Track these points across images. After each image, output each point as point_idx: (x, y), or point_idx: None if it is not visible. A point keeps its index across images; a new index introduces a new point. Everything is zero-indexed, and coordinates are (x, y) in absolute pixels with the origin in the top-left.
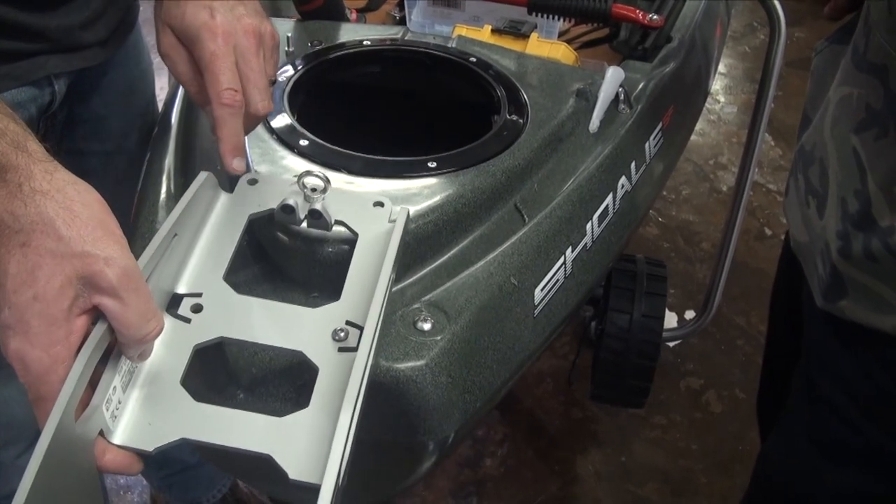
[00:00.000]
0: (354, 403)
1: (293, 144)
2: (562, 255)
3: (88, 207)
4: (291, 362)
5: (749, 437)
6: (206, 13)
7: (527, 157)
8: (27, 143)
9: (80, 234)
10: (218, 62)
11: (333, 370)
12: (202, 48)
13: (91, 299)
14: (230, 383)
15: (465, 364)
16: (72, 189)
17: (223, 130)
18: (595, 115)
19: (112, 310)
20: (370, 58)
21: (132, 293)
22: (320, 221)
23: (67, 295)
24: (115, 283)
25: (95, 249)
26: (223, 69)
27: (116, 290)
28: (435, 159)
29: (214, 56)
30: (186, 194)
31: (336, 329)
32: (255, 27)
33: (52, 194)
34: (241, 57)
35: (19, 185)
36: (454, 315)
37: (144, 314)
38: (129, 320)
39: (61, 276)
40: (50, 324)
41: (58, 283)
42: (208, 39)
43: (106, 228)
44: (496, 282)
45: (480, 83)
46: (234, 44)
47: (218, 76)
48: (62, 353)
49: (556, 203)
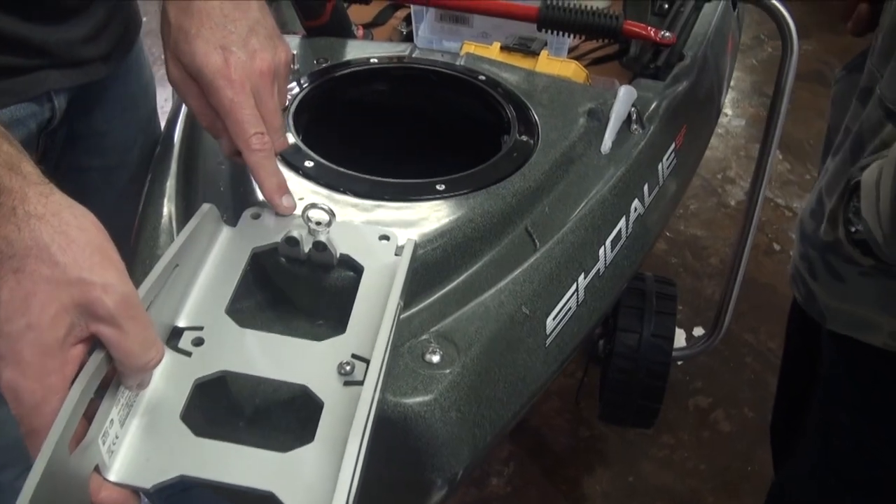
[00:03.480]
0: (360, 439)
1: (298, 166)
2: (574, 282)
3: (85, 232)
4: (296, 393)
5: (758, 457)
6: (219, 56)
7: (538, 179)
8: (21, 165)
9: (77, 260)
10: (239, 111)
11: (339, 405)
12: (220, 96)
13: (88, 328)
14: (232, 413)
15: (475, 398)
16: (68, 213)
17: (262, 174)
18: (607, 135)
19: (110, 338)
20: (377, 76)
21: (131, 321)
22: (325, 254)
23: (63, 324)
24: (113, 310)
25: (92, 276)
26: (246, 116)
27: (115, 317)
28: (443, 182)
29: (235, 105)
30: (189, 225)
31: (342, 363)
32: (269, 65)
33: (47, 218)
34: (258, 97)
35: (13, 208)
36: (464, 347)
37: (144, 342)
38: (128, 349)
39: (56, 303)
40: (44, 354)
41: (52, 312)
42: (225, 87)
43: (104, 254)
44: (507, 311)
45: (489, 102)
46: (251, 86)
47: (243, 124)
48: (56, 384)
49: (568, 228)
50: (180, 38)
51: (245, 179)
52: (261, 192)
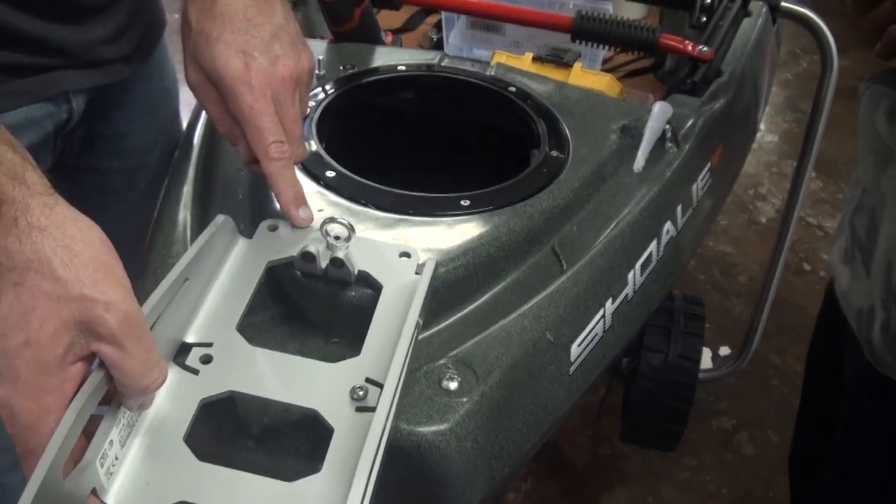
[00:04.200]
0: (370, 469)
1: (319, 175)
2: (601, 307)
3: (89, 246)
4: (306, 417)
5: (780, 483)
6: (240, 61)
7: (567, 197)
8: (25, 174)
9: (79, 276)
10: (259, 118)
11: (350, 432)
12: (239, 101)
13: (89, 346)
14: (238, 435)
15: (493, 428)
16: (72, 226)
17: (279, 184)
18: (640, 153)
19: (112, 358)
20: (404, 84)
21: (134, 341)
22: (342, 271)
23: (62, 341)
24: (115, 329)
25: (95, 293)
26: (266, 123)
27: (117, 337)
28: (468, 197)
29: (255, 112)
30: (201, 237)
31: (355, 387)
32: (291, 72)
33: (50, 231)
34: (279, 105)
35: (14, 219)
36: (483, 374)
37: (146, 363)
38: (130, 369)
39: (56, 320)
40: (41, 372)
41: (52, 328)
42: (245, 93)
43: (107, 270)
44: (530, 337)
45: (519, 114)
46: (272, 92)
47: (262, 131)
48: (53, 403)
49: (597, 250)
50: (201, 41)
51: (263, 188)
52: (277, 203)
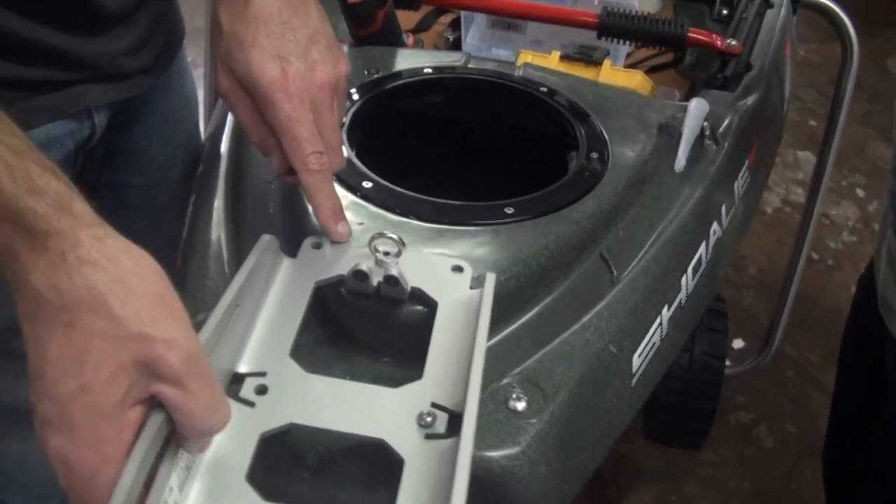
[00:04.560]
0: None
1: (356, 187)
2: (658, 315)
3: (145, 280)
4: (370, 447)
5: (801, 475)
6: (276, 67)
7: (612, 200)
8: (72, 204)
9: (137, 313)
10: (297, 127)
11: (421, 462)
12: (276, 109)
13: (148, 388)
14: (300, 469)
15: (563, 449)
16: (126, 258)
17: (318, 197)
18: (681, 152)
19: (174, 400)
20: (432, 87)
21: (197, 380)
22: (396, 289)
23: (121, 384)
24: (178, 369)
25: (155, 330)
26: (305, 133)
27: (180, 377)
28: (512, 205)
29: (292, 120)
30: (248, 260)
31: (422, 413)
32: (329, 78)
33: (102, 265)
34: (317, 113)
35: (63, 253)
36: (551, 393)
37: (211, 404)
38: (193, 411)
39: (114, 362)
40: (99, 419)
41: (109, 371)
42: (282, 101)
43: (166, 305)
44: (594, 350)
45: (553, 116)
46: (310, 100)
47: (301, 142)
48: (112, 452)
49: (650, 255)
50: (234, 45)
51: (296, 202)
52: (315, 217)
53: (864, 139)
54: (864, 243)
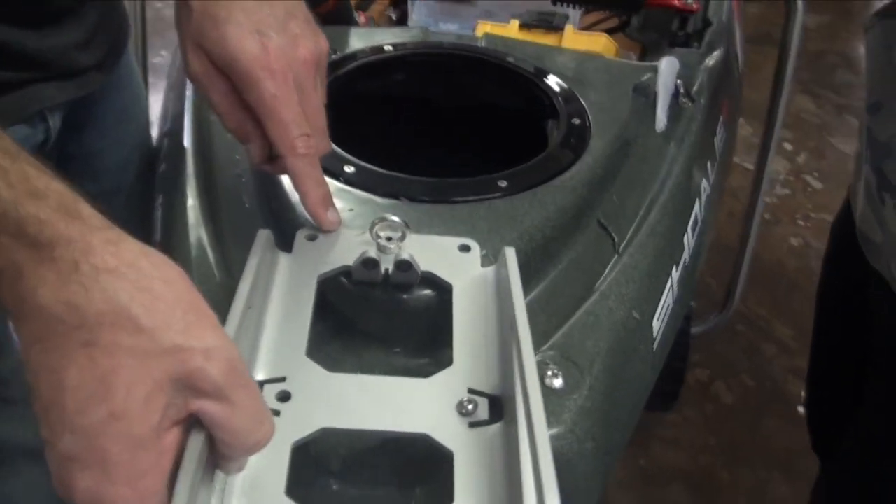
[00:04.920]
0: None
1: (337, 172)
2: (669, 276)
3: (171, 285)
4: (409, 443)
5: (763, 427)
6: (255, 42)
7: (603, 165)
8: (78, 207)
9: (167, 322)
10: (283, 108)
11: (471, 452)
12: (258, 88)
13: (187, 406)
14: (333, 471)
15: (605, 422)
16: (145, 263)
17: (307, 184)
18: (659, 111)
19: (218, 416)
20: (396, 65)
21: (241, 391)
22: (408, 274)
23: (157, 406)
24: (220, 381)
25: (190, 341)
26: (291, 115)
27: (223, 389)
28: (505, 177)
29: (277, 101)
30: (251, 259)
31: (461, 401)
32: (312, 54)
33: (121, 272)
34: (302, 92)
35: (75, 263)
36: (586, 366)
37: (256, 416)
38: (239, 426)
39: (148, 381)
40: (136, 448)
41: (143, 393)
42: (265, 80)
43: (197, 311)
44: (619, 318)
45: (526, 85)
46: (293, 77)
47: (287, 124)
48: (153, 485)
49: (654, 217)
50: (206, 24)
51: (277, 193)
52: (303, 206)
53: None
54: (796, 195)
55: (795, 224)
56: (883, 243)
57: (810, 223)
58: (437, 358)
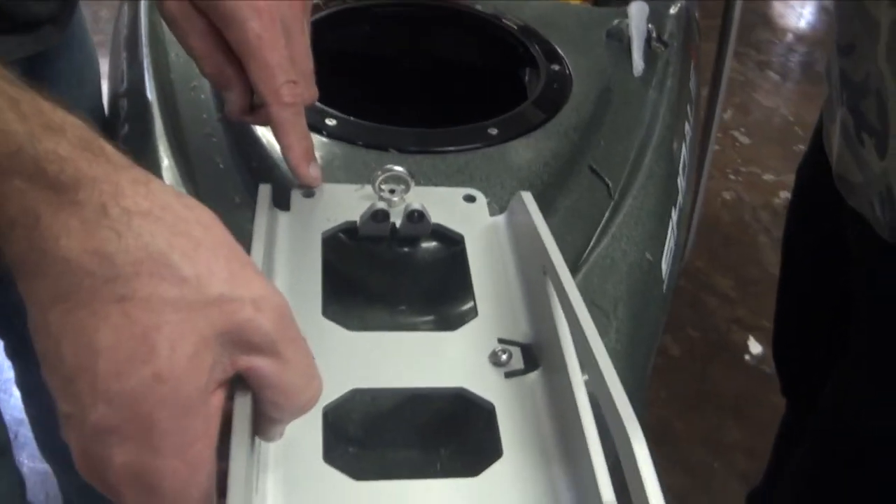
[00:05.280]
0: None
1: (318, 125)
2: (670, 218)
3: (210, 230)
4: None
5: (711, 376)
6: None
7: (589, 109)
8: (100, 143)
9: (211, 270)
10: (268, 51)
11: (512, 403)
12: (243, 28)
13: (235, 363)
14: (370, 433)
15: (632, 366)
16: (179, 205)
17: (291, 136)
18: (635, 56)
19: (268, 373)
20: (364, 18)
21: (292, 344)
22: (419, 225)
23: (204, 365)
24: (272, 334)
25: (237, 290)
26: (277, 58)
27: (275, 343)
28: (495, 124)
29: (262, 42)
30: (259, 218)
31: (495, 351)
32: None
33: (156, 215)
34: (288, 36)
35: (102, 206)
36: (610, 309)
37: (308, 371)
38: (291, 383)
39: (194, 337)
40: (184, 413)
41: (190, 350)
42: (251, 18)
43: (239, 258)
44: (633, 260)
45: (499, 34)
46: (280, 18)
47: (273, 68)
48: (203, 454)
49: (650, 160)
50: None
51: (257, 149)
52: (284, 160)
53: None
54: (726, 150)
55: (727, 179)
56: (863, 183)
57: (741, 177)
58: (459, 311)
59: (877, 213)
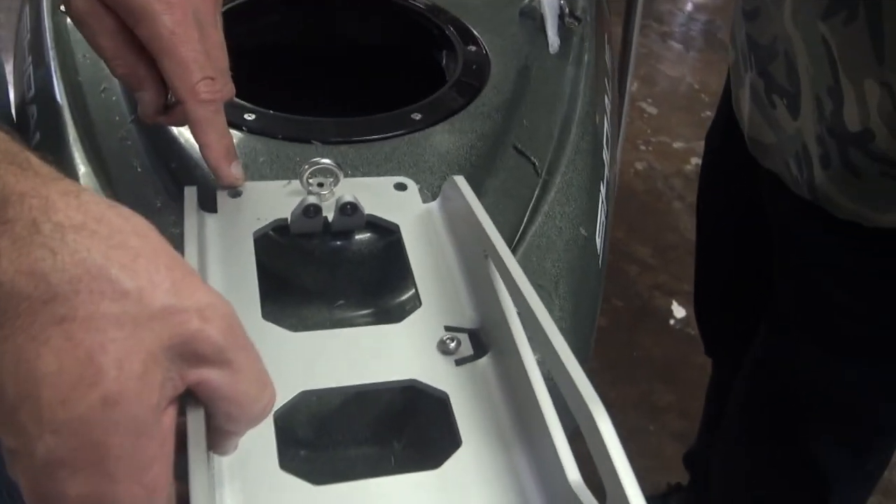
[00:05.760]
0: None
1: (237, 121)
2: (599, 192)
3: (146, 239)
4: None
5: (639, 343)
6: None
7: (510, 89)
8: (26, 156)
9: (153, 281)
10: (182, 47)
11: (465, 391)
12: (154, 24)
13: (185, 377)
14: (324, 435)
15: (577, 343)
16: (114, 215)
17: (210, 134)
18: (550, 33)
19: (220, 384)
20: (271, 6)
21: (242, 352)
22: (353, 218)
23: (154, 382)
24: (221, 343)
25: (182, 300)
26: (192, 54)
27: (225, 352)
28: (418, 109)
29: (176, 37)
30: (188, 222)
31: (442, 340)
32: None
33: (90, 228)
34: (202, 29)
35: (33, 223)
36: (551, 287)
37: (260, 379)
38: (244, 393)
39: (141, 353)
40: (138, 436)
41: (139, 367)
42: (163, 13)
43: (181, 266)
44: (568, 238)
45: (414, 18)
46: (192, 12)
47: (188, 64)
48: (161, 475)
49: (575, 135)
50: None
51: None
52: (204, 159)
53: None
54: (634, 121)
55: (638, 149)
56: (777, 144)
57: (651, 147)
58: (401, 302)
59: (793, 173)
